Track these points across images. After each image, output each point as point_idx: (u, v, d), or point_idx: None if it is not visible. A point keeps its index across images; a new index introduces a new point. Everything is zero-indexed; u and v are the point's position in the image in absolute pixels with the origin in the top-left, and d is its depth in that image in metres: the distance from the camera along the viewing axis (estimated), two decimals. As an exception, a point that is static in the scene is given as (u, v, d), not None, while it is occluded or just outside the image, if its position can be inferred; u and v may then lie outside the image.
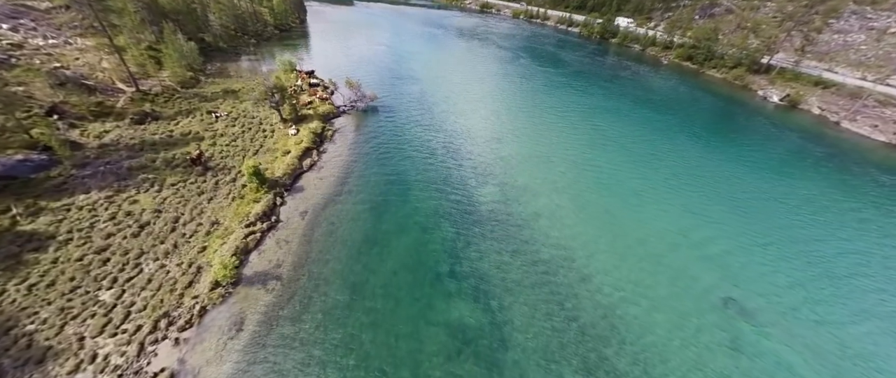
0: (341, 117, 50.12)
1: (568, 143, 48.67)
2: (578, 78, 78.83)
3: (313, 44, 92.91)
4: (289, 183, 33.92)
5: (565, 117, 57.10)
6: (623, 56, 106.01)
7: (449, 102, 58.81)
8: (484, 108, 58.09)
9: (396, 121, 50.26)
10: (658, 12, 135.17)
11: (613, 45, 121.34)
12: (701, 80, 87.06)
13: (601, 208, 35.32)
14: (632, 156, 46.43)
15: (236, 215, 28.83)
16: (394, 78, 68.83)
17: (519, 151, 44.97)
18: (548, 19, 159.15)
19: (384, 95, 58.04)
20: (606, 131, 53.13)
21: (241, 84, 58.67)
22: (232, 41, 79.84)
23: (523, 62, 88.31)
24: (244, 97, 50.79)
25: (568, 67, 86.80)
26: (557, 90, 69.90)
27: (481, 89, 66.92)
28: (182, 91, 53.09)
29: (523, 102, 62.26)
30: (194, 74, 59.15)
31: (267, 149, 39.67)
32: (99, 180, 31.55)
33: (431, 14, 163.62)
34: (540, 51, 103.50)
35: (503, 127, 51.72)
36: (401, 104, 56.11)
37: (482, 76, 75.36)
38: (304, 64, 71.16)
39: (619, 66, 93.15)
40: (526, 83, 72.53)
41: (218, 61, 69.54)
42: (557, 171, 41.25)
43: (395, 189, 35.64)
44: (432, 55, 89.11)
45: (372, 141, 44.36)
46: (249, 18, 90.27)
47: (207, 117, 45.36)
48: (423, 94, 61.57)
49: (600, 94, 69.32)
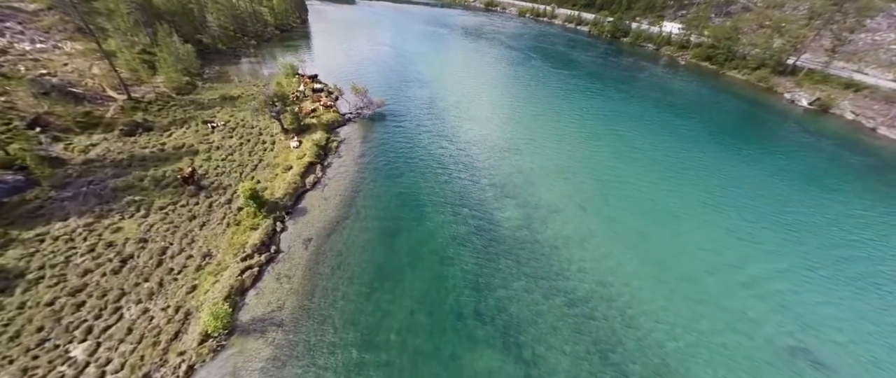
0: (347, 126, 46.76)
1: (590, 153, 45.12)
2: (594, 80, 75.07)
3: (315, 44, 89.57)
4: (290, 205, 30.62)
5: (585, 124, 53.50)
6: (637, 56, 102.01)
7: (460, 108, 55.33)
8: (498, 114, 54.58)
9: (406, 129, 46.85)
10: (671, 11, 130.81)
11: (625, 45, 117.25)
12: (721, 81, 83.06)
13: (636, 232, 31.82)
14: (661, 168, 42.85)
15: (231, 246, 25.56)
16: (401, 81, 65.39)
17: (539, 164, 41.49)
18: (555, 18, 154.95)
19: (391, 101, 54.64)
20: (630, 139, 49.51)
21: (241, 89, 55.40)
22: (231, 43, 76.61)
23: (535, 64, 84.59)
24: (243, 105, 47.48)
25: (582, 69, 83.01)
26: (574, 94, 66.24)
27: (493, 93, 63.41)
28: (177, 98, 49.90)
29: (539, 108, 58.68)
30: (191, 79, 55.94)
31: (267, 164, 36.37)
32: (80, 204, 28.36)
33: (435, 12, 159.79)
34: (551, 51, 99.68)
35: (519, 136, 48.21)
36: (409, 111, 52.70)
37: (493, 79, 71.80)
38: (307, 67, 67.84)
39: (635, 67, 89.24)
40: (540, 87, 68.89)
41: (216, 64, 66.33)
42: (583, 188, 37.76)
43: (408, 210, 32.30)
44: (439, 56, 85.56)
45: (380, 153, 40.99)
46: (249, 19, 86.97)
47: (203, 128, 42.11)
48: (433, 99, 58.11)
49: (619, 98, 65.61)
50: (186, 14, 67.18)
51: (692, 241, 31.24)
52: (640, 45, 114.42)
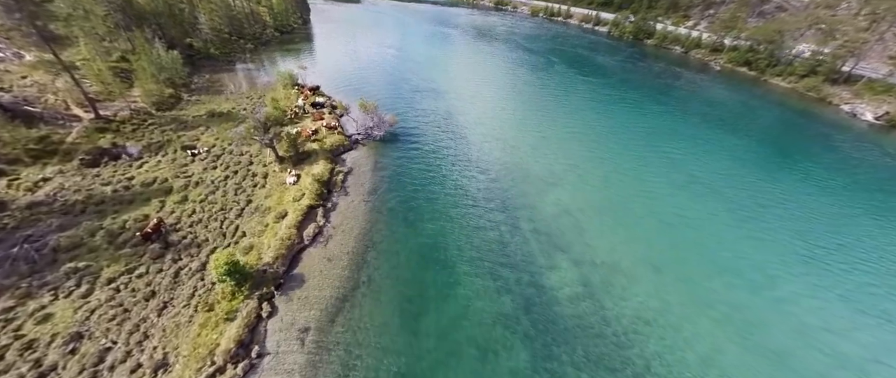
0: (354, 151, 39.61)
1: (642, 184, 37.74)
2: (627, 89, 67.45)
3: (318, 47, 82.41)
4: (283, 272, 23.54)
5: (628, 145, 46.04)
6: (665, 60, 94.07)
7: (484, 125, 48.03)
8: (528, 133, 47.20)
9: (423, 154, 39.67)
10: (697, 10, 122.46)
11: (649, 47, 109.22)
12: (764, 89, 75.13)
13: (726, 302, 24.52)
14: (731, 205, 35.40)
15: (195, 349, 18.48)
16: (413, 91, 58.16)
17: (585, 200, 34.21)
18: (570, 17, 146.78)
19: (404, 117, 47.45)
20: (685, 165, 42.06)
21: (232, 103, 48.39)
22: (225, 46, 69.64)
23: (558, 69, 77.02)
24: (227, 127, 40.14)
25: (611, 76, 75.33)
26: (608, 106, 58.69)
27: (520, 106, 56.00)
28: (157, 115, 42.98)
29: (573, 124, 51.22)
30: (175, 91, 49.00)
31: (256, 207, 29.29)
32: (3, 274, 21.45)
33: (443, 12, 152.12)
34: (572, 54, 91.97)
35: (557, 160, 40.88)
36: (426, 129, 45.47)
37: (516, 88, 64.37)
38: (308, 75, 60.75)
39: (668, 74, 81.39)
40: (570, 97, 61.37)
41: (207, 71, 59.40)
42: (643, 235, 30.43)
43: (434, 271, 25.19)
44: (453, 61, 78.17)
45: (395, 187, 33.84)
46: (246, 19, 79.97)
47: (182, 155, 35.14)
48: (451, 113, 50.83)
49: (660, 112, 58.02)
50: (174, 16, 60.22)
51: (803, 314, 23.90)
52: (666, 47, 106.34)
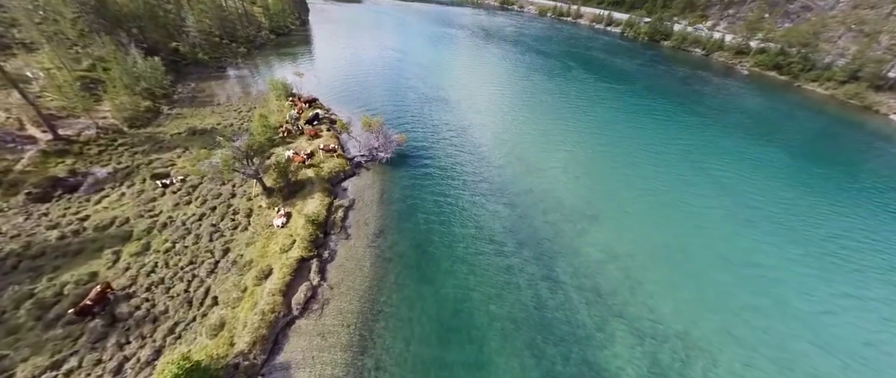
0: (357, 176, 33.81)
1: (696, 218, 31.92)
2: (654, 96, 61.61)
3: (316, 51, 76.58)
4: (262, 362, 17.72)
5: (669, 164, 40.22)
6: (686, 63, 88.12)
7: (503, 143, 42.23)
8: (553, 151, 41.38)
9: (437, 181, 33.88)
10: (716, 9, 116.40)
11: (666, 49, 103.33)
12: (801, 96, 69.31)
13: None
14: (813, 249, 29.53)
15: None
16: (421, 101, 52.34)
17: (634, 242, 28.40)
18: (580, 17, 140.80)
19: (412, 132, 41.70)
20: (738, 190, 36.24)
21: (217, 118, 42.68)
22: (215, 51, 63.81)
23: (577, 75, 71.15)
24: (201, 156, 32.83)
25: (633, 81, 69.43)
26: (638, 118, 52.81)
27: (540, 119, 50.09)
28: (129, 134, 37.24)
29: (602, 140, 45.38)
30: (154, 103, 43.29)
31: (233, 260, 23.45)
32: None
33: (447, 12, 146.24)
34: (588, 57, 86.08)
35: (592, 188, 35.09)
36: (438, 148, 39.68)
37: (535, 97, 58.48)
38: (305, 83, 54.99)
39: (694, 79, 75.43)
40: (594, 108, 55.49)
41: (193, 79, 53.63)
42: (718, 293, 24.63)
43: (459, 353, 19.48)
44: (463, 65, 72.32)
45: (405, 226, 28.04)
46: (238, 21, 74.20)
47: (151, 185, 29.39)
48: (465, 128, 45.02)
49: (696, 123, 52.15)
50: (156, 17, 54.42)
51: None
52: (686, 49, 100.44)
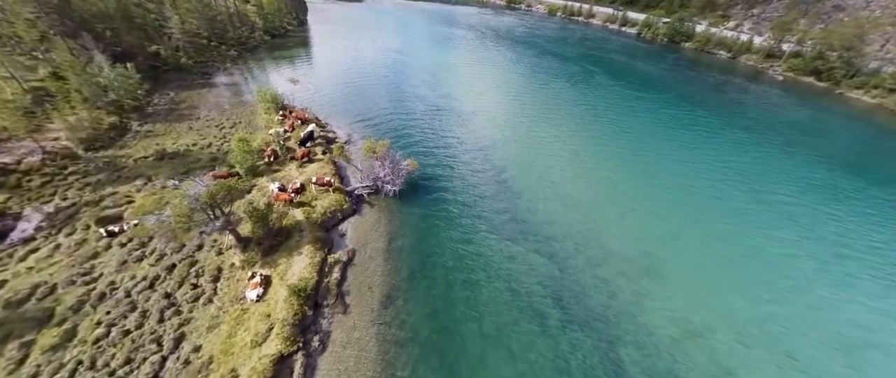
0: (358, 215, 27.43)
1: (781, 271, 25.52)
2: (691, 107, 55.11)
3: (314, 54, 70.09)
4: None
5: (728, 194, 33.77)
6: (713, 68, 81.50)
7: (530, 167, 35.78)
8: (591, 179, 34.88)
9: (456, 222, 27.48)
10: (738, 9, 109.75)
11: (688, 51, 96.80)
12: (847, 105, 62.85)
13: None
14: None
15: None
16: (431, 113, 45.92)
17: (712, 310, 22.03)
18: (593, 17, 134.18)
19: (424, 153, 35.37)
20: (823, 233, 29.79)
21: (195, 136, 36.37)
22: (202, 54, 57.43)
23: (601, 81, 64.67)
24: (148, 206, 25.43)
25: (664, 89, 62.94)
26: (679, 134, 46.21)
27: (569, 137, 43.49)
28: (84, 158, 30.95)
29: (644, 163, 38.85)
30: (121, 119, 37.04)
31: (186, 358, 17.04)
32: None
33: (452, 11, 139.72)
34: (608, 61, 79.56)
35: (645, 229, 28.62)
36: (455, 175, 33.25)
37: (559, 109, 51.86)
38: (300, 91, 48.67)
39: (729, 86, 68.83)
40: (627, 122, 48.84)
41: (174, 87, 47.26)
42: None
43: None
44: (474, 71, 65.86)
45: (419, 291, 21.66)
46: (229, 21, 67.83)
47: (95, 234, 23.06)
48: (484, 149, 38.61)
49: (746, 141, 45.58)
50: (130, 18, 48.01)
51: None
52: (710, 51, 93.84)
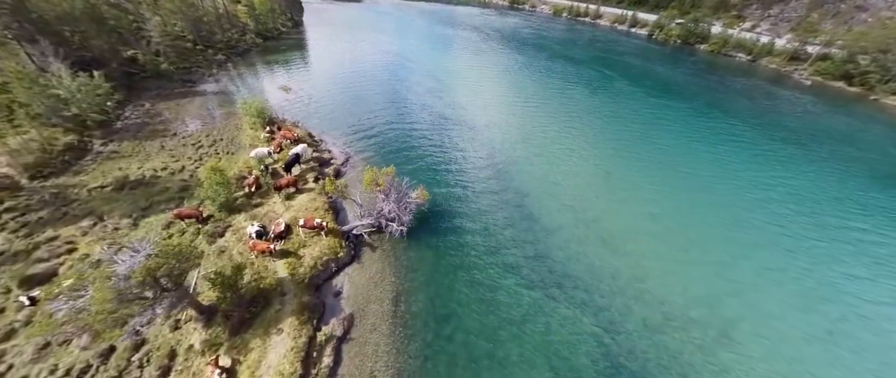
0: (356, 263, 22.27)
1: (884, 338, 20.60)
2: (723, 117, 50.16)
3: (310, 57, 64.90)
4: None
5: (791, 226, 28.73)
6: (734, 71, 76.72)
7: (558, 193, 30.67)
8: (632, 213, 29.71)
9: (478, 270, 22.35)
10: (754, 9, 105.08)
11: (704, 53, 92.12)
12: (885, 113, 58.12)
13: None
14: None
15: None
16: (439, 125, 40.80)
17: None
18: (600, 18, 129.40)
19: (434, 178, 30.30)
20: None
21: (165, 157, 31.19)
22: (185, 59, 52.24)
23: (620, 88, 59.72)
24: (60, 286, 20.24)
25: (690, 96, 58.01)
26: (718, 149, 41.14)
27: (596, 153, 38.28)
28: (28, 189, 25.77)
29: (689, 187, 33.70)
30: (81, 137, 31.87)
31: None
32: None
33: (453, 12, 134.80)
34: (623, 65, 74.64)
35: (704, 274, 23.59)
36: (472, 206, 28.10)
37: (581, 119, 46.59)
38: (291, 100, 43.55)
39: (755, 92, 63.93)
40: (658, 134, 43.63)
41: (151, 96, 42.06)
42: None
43: None
44: (483, 76, 60.82)
45: (437, 375, 16.61)
46: (217, 22, 62.63)
47: (13, 305, 17.83)
48: (503, 169, 33.50)
49: (793, 158, 40.58)
50: (100, 19, 42.75)
51: None
52: (727, 54, 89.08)
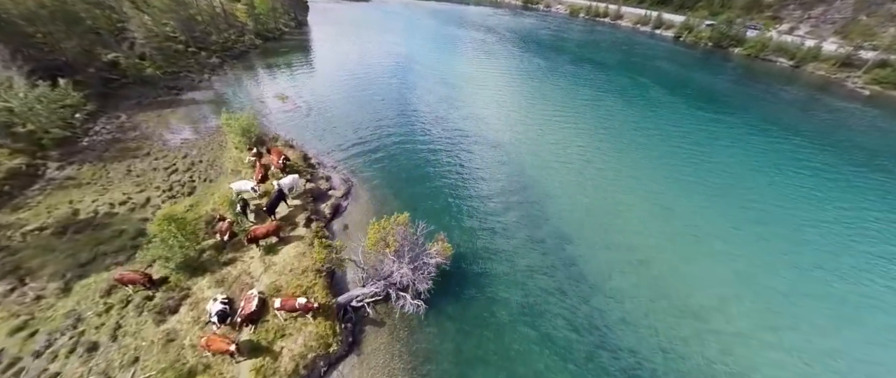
0: (354, 355, 16.36)
1: None
2: (782, 134, 43.32)
3: (313, 61, 59.44)
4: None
5: None
6: (777, 78, 69.43)
7: (606, 239, 24.36)
8: (712, 276, 23.42)
9: (517, 358, 16.37)
10: (792, 9, 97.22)
11: (738, 57, 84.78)
12: (966, 128, 50.65)
13: None
14: None
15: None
16: (455, 143, 34.76)
17: None
18: (620, 18, 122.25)
19: (452, 213, 24.32)
20: None
21: (130, 187, 25.69)
22: (173, 62, 47.03)
23: (659, 98, 53.13)
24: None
25: (740, 108, 51.11)
26: (791, 176, 34.36)
27: (648, 181, 31.74)
28: (-57, 231, 20.43)
29: (773, 237, 27.17)
30: (33, 157, 26.64)
31: None
32: None
33: (465, 12, 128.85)
34: (654, 69, 67.88)
35: (829, 360, 17.38)
36: (501, 257, 21.92)
37: (624, 138, 39.98)
38: (287, 112, 37.98)
39: (811, 103, 56.76)
40: (715, 155, 37.01)
41: (130, 105, 36.70)
42: None
43: None
44: (503, 83, 54.68)
45: None
46: (212, 22, 57.47)
47: None
48: (537, 202, 27.34)
49: (881, 185, 33.94)
50: (73, 19, 37.53)
51: None
52: (766, 59, 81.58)
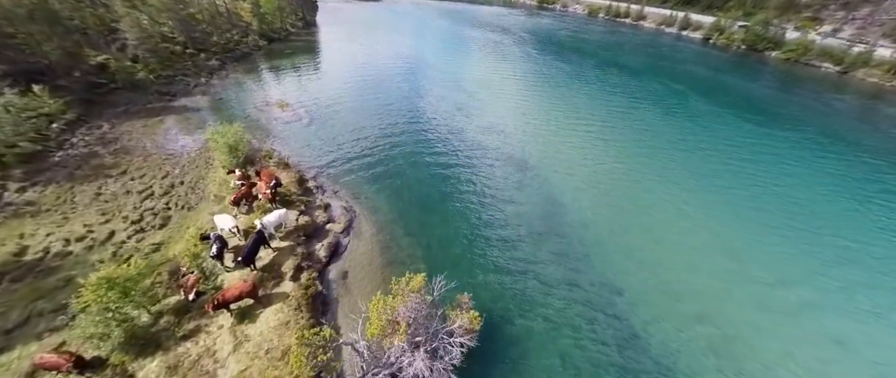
0: None
1: None
2: (847, 151, 37.55)
3: (320, 64, 55.61)
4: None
5: None
6: (823, 85, 63.14)
7: (679, 301, 19.51)
8: (814, 345, 18.50)
9: None
10: (835, 10, 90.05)
11: (776, 61, 78.36)
12: None
13: None
14: None
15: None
16: (475, 162, 30.20)
17: None
18: (643, 19, 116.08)
19: (476, 254, 19.80)
20: None
21: (96, 216, 21.79)
22: (170, 65, 43.55)
23: (699, 108, 47.70)
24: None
25: (792, 121, 45.28)
26: (873, 207, 29.13)
27: (705, 214, 26.49)
28: None
29: (856, 283, 22.18)
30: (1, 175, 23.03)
31: None
32: None
33: (478, 12, 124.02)
34: (687, 74, 62.25)
35: None
36: (543, 326, 17.36)
37: (664, 153, 34.76)
38: (287, 123, 33.99)
39: (868, 113, 50.64)
40: (779, 181, 31.48)
41: (116, 113, 33.07)
42: None
43: None
44: (524, 90, 49.91)
45: None
46: (213, 22, 54.07)
47: None
48: (575, 239, 22.49)
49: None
50: (57, 19, 34.10)
51: None
52: (808, 63, 74.99)
